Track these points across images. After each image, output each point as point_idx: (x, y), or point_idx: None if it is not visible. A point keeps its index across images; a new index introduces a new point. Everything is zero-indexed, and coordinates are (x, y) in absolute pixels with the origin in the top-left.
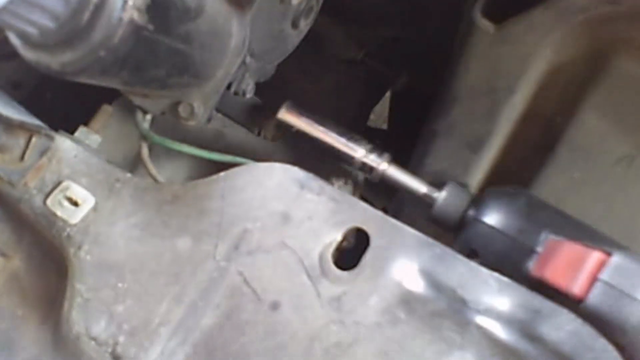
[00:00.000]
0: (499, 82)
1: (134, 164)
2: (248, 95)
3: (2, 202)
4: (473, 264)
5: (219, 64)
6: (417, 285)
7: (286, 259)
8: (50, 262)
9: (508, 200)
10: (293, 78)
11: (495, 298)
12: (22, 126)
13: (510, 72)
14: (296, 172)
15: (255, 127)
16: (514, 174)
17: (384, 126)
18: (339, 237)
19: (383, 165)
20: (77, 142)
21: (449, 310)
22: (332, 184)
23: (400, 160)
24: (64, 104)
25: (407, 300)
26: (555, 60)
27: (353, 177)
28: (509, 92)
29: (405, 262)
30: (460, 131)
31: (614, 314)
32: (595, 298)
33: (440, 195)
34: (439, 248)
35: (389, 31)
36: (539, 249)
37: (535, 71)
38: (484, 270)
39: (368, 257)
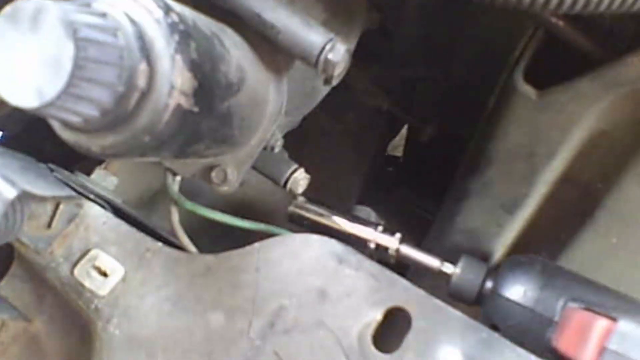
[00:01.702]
0: (539, 148)
1: (150, 206)
2: (276, 150)
3: (23, 263)
4: (521, 351)
5: (255, 131)
6: None
7: (324, 339)
8: (71, 325)
9: (523, 271)
10: (315, 118)
11: None
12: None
13: (551, 138)
14: (333, 245)
15: (281, 179)
16: (549, 236)
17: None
18: (379, 316)
19: (396, 245)
20: (95, 184)
21: None
22: None
23: (414, 189)
24: None
25: None
26: (599, 127)
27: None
28: (548, 158)
29: (449, 347)
30: (495, 192)
31: None
32: None
33: (455, 271)
34: (485, 332)
35: (413, 73)
36: (557, 318)
37: (577, 138)
38: (533, 358)
39: (410, 339)
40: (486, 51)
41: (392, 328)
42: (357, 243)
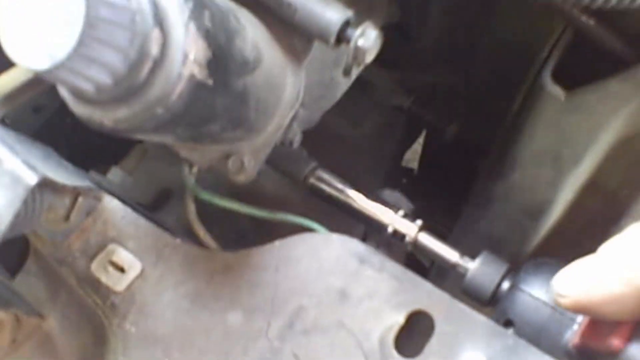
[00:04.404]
0: (566, 152)
1: (165, 207)
2: (295, 145)
3: (38, 259)
4: (548, 358)
5: (271, 117)
6: None
7: (344, 341)
8: (85, 324)
9: (547, 269)
10: (332, 122)
11: None
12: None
13: (579, 141)
14: (356, 245)
15: (299, 177)
16: (573, 244)
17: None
18: (401, 319)
19: (415, 232)
20: (112, 186)
21: None
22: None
23: (431, 200)
24: (84, 130)
25: None
26: (627, 131)
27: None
28: (575, 162)
29: (473, 352)
30: (519, 197)
31: None
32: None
33: (473, 265)
34: (512, 339)
35: (435, 78)
36: (580, 319)
37: (605, 142)
38: None
39: (433, 344)
40: (510, 54)
41: (414, 332)
42: (375, 226)
